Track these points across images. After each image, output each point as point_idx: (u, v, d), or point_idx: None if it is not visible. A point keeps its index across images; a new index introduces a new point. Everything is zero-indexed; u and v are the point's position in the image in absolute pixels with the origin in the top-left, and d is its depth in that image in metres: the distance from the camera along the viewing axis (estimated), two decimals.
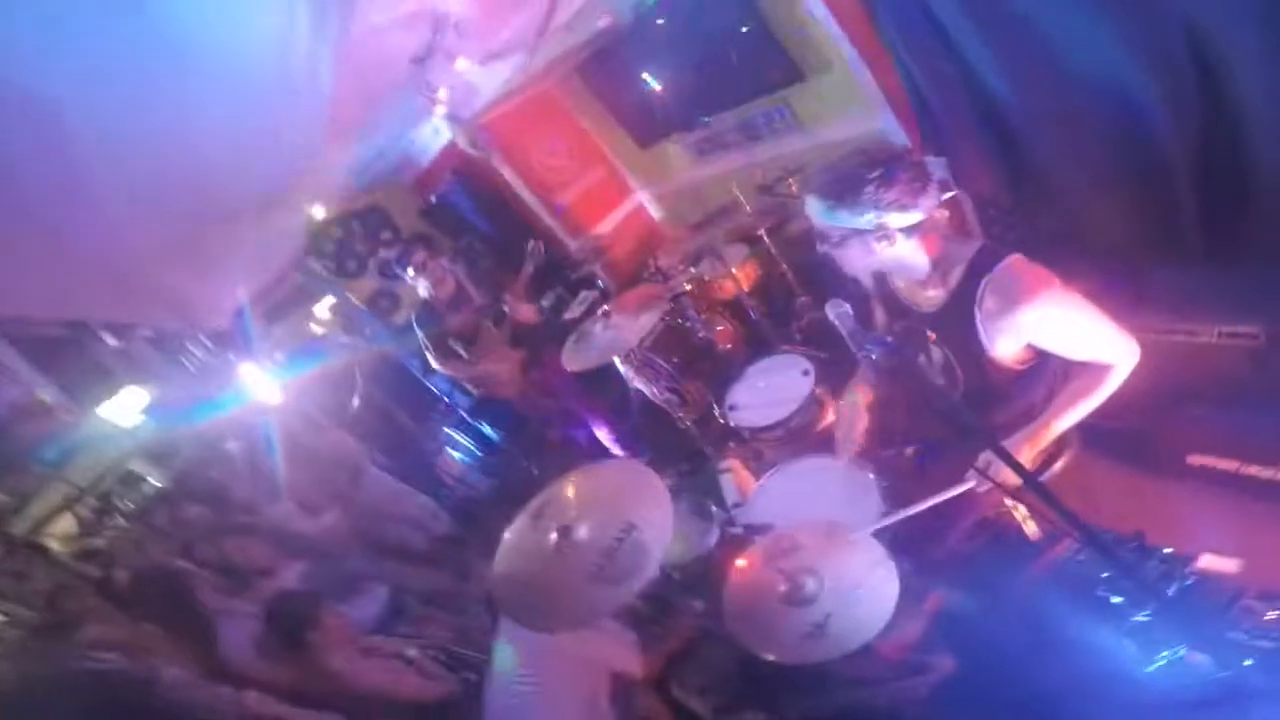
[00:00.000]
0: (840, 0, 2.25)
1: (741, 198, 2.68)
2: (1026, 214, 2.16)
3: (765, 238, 2.77)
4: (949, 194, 1.95)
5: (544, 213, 4.20)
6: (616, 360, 2.72)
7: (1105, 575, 1.39)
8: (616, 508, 1.32)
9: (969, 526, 1.57)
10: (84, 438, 4.05)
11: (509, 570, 1.39)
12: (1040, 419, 1.27)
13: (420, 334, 3.04)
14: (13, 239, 1.20)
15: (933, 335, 1.32)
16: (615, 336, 2.25)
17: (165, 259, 1.82)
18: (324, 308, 5.67)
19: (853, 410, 1.62)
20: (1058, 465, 1.45)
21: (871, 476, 1.61)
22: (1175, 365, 1.77)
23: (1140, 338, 1.81)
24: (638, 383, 3.24)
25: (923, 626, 1.70)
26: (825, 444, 1.79)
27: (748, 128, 3.23)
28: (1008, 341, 1.21)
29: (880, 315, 1.48)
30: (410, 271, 2.96)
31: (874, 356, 1.03)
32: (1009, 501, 1.43)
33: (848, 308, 1.14)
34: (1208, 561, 1.45)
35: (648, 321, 2.23)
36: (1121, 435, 1.85)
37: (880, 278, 1.39)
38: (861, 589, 1.26)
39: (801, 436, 2.03)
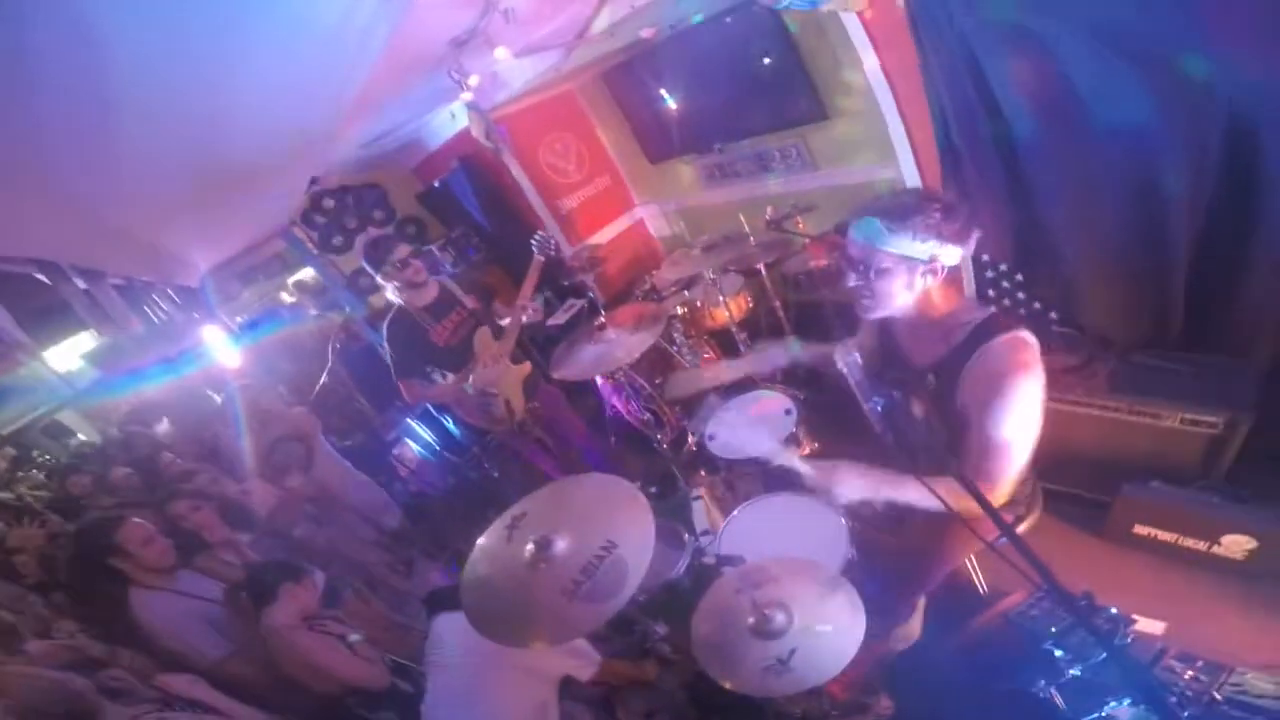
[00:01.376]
0: (890, 48, 2.29)
1: (748, 228, 2.74)
2: (1026, 282, 2.25)
3: (764, 271, 2.83)
4: None
5: (545, 214, 4.21)
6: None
7: (1055, 629, 1.48)
8: (598, 523, 1.32)
9: (943, 576, 1.62)
10: (21, 380, 3.86)
11: (480, 578, 1.36)
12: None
13: (387, 349, 2.59)
14: (12, 165, 1.14)
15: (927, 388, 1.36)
16: (607, 351, 2.27)
17: (159, 215, 1.76)
18: (300, 278, 5.57)
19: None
20: (1024, 525, 1.52)
21: (842, 519, 1.67)
22: (1138, 442, 1.95)
23: (1110, 414, 1.95)
24: (614, 399, 3.25)
25: (868, 667, 1.76)
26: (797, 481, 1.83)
27: (761, 159, 3.31)
28: (964, 398, 1.27)
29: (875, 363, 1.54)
30: (385, 269, 2.43)
31: (878, 409, 1.07)
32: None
33: (857, 356, 1.17)
34: (1140, 623, 1.60)
35: (642, 341, 2.24)
36: (1080, 501, 2.05)
37: (885, 325, 1.43)
38: (830, 628, 1.29)
39: (775, 473, 2.07)
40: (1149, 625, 1.70)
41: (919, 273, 1.24)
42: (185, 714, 1.61)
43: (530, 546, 1.30)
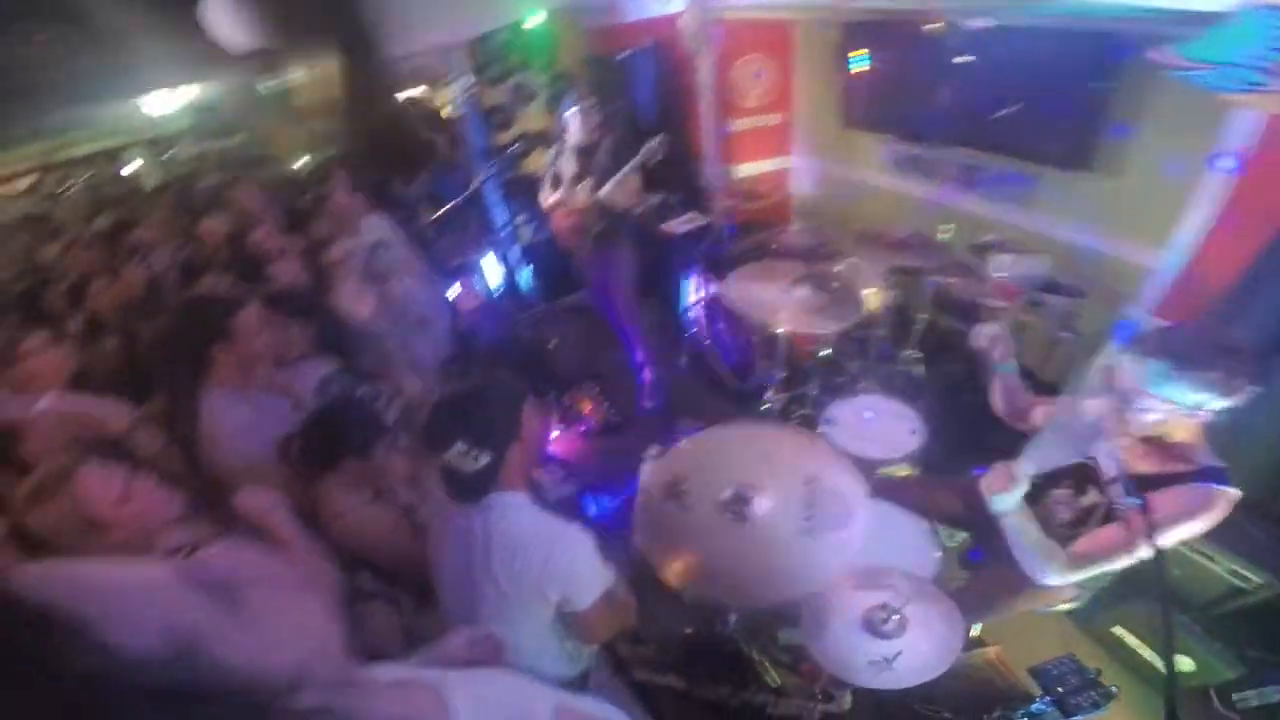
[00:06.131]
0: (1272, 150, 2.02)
1: (945, 235, 2.71)
2: None
3: (918, 280, 2.85)
4: None
5: (709, 127, 4.18)
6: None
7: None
8: (784, 465, 1.47)
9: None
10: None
11: (688, 565, 1.44)
12: None
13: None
14: None
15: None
16: (772, 304, 2.35)
17: None
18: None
19: None
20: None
21: (927, 525, 1.86)
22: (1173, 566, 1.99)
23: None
24: (719, 330, 3.39)
25: None
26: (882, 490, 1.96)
27: (971, 173, 3.14)
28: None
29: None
30: (572, 113, 3.10)
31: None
32: None
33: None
34: None
35: (796, 309, 2.33)
36: None
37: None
38: (932, 643, 1.49)
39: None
40: None
41: (1177, 415, 1.29)
42: (225, 548, 1.32)
43: (725, 511, 1.41)
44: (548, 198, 4.68)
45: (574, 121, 3.63)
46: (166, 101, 8.51)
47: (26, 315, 3.42)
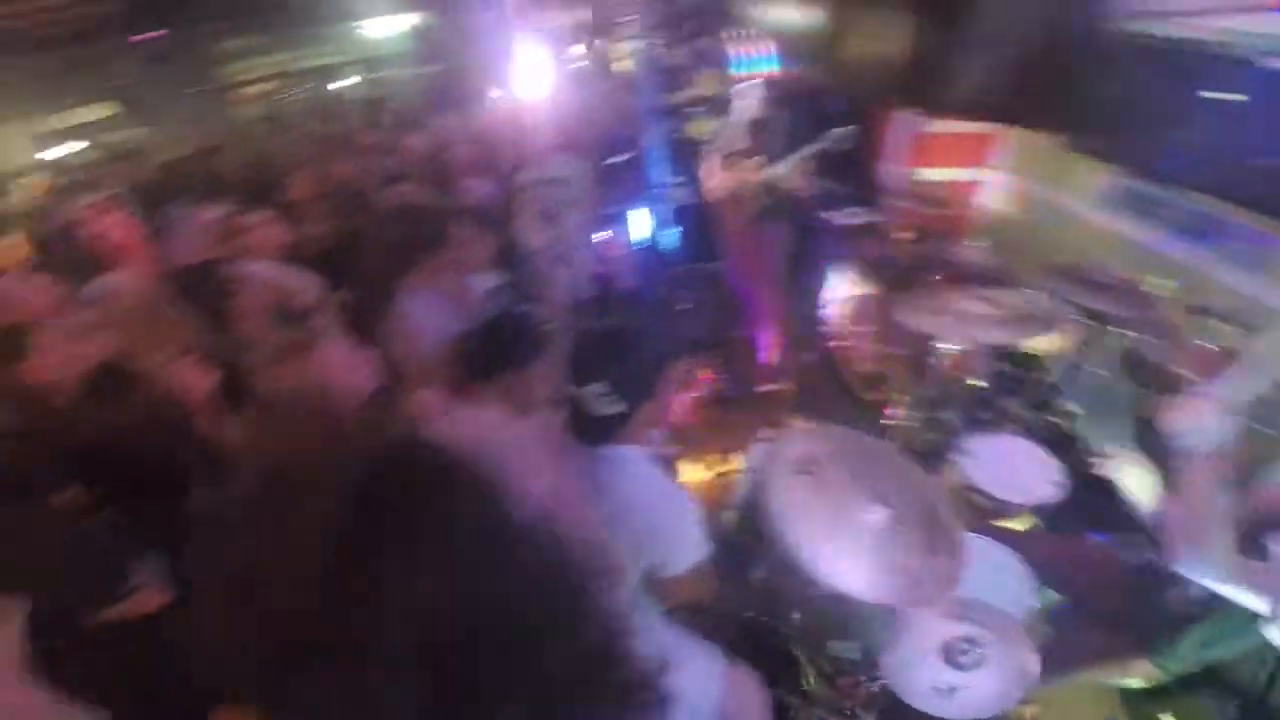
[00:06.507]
0: None
1: (1158, 288, 2.40)
2: None
3: (1111, 331, 2.53)
4: None
5: (903, 123, 3.95)
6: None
7: None
8: (908, 482, 1.50)
9: None
10: None
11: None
12: None
13: None
14: None
15: None
16: (937, 317, 2.24)
17: None
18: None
19: None
20: None
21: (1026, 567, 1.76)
22: None
23: None
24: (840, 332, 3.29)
25: None
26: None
27: (1207, 224, 2.64)
28: None
29: None
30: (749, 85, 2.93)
31: None
32: None
33: None
34: None
35: (965, 327, 2.19)
36: None
37: None
38: (998, 684, 1.47)
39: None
40: None
41: None
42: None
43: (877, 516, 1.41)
44: (711, 164, 4.70)
45: (750, 94, 3.60)
46: (384, 27, 9.54)
47: (254, 197, 4.11)
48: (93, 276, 2.42)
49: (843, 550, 1.37)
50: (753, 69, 4.63)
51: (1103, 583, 1.81)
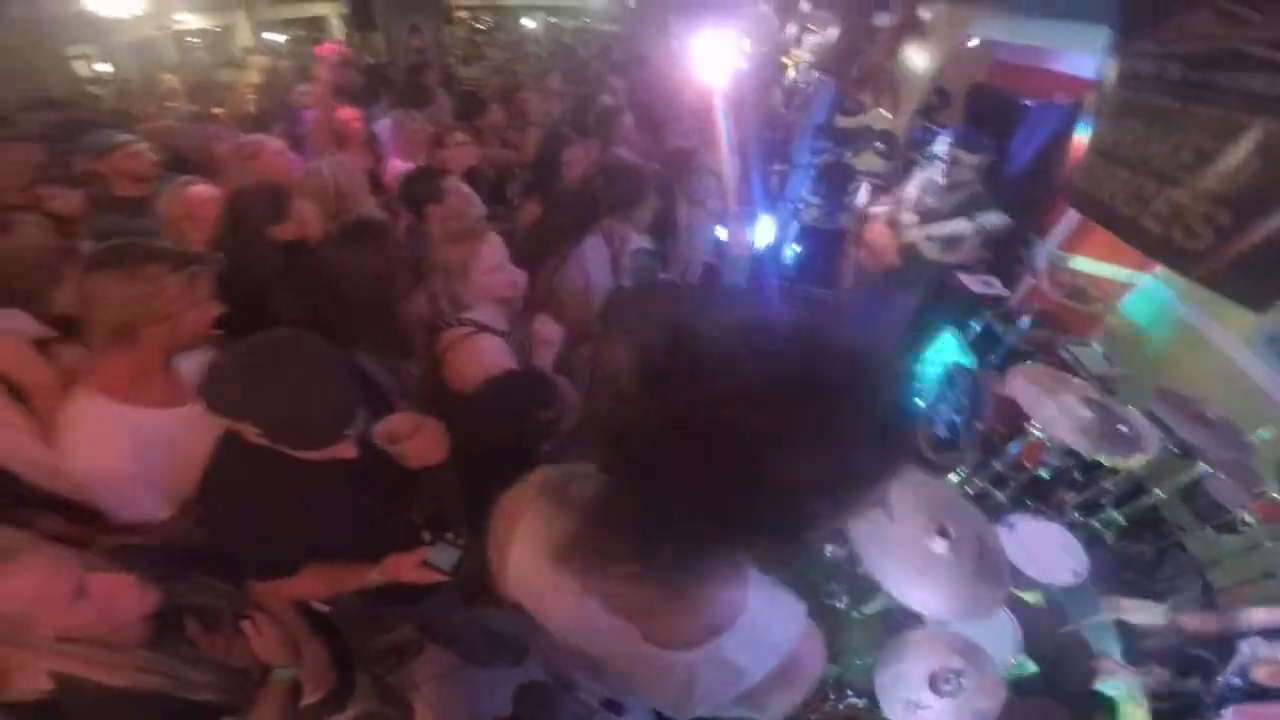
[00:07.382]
0: None
1: (1260, 435, 2.39)
2: None
3: (1191, 464, 2.49)
4: None
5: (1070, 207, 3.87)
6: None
7: None
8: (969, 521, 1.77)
9: None
10: None
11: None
12: None
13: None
14: None
15: None
16: (1045, 406, 2.32)
17: None
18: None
19: None
20: None
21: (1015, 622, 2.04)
22: None
23: None
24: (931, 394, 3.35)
25: None
26: None
27: None
28: None
29: None
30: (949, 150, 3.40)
31: None
32: None
33: None
34: None
35: (1068, 423, 2.30)
36: None
37: None
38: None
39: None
40: None
41: None
42: None
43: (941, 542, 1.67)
44: (869, 200, 4.75)
45: (945, 157, 3.62)
46: None
47: (458, 116, 4.73)
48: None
49: (914, 573, 1.64)
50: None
51: None
